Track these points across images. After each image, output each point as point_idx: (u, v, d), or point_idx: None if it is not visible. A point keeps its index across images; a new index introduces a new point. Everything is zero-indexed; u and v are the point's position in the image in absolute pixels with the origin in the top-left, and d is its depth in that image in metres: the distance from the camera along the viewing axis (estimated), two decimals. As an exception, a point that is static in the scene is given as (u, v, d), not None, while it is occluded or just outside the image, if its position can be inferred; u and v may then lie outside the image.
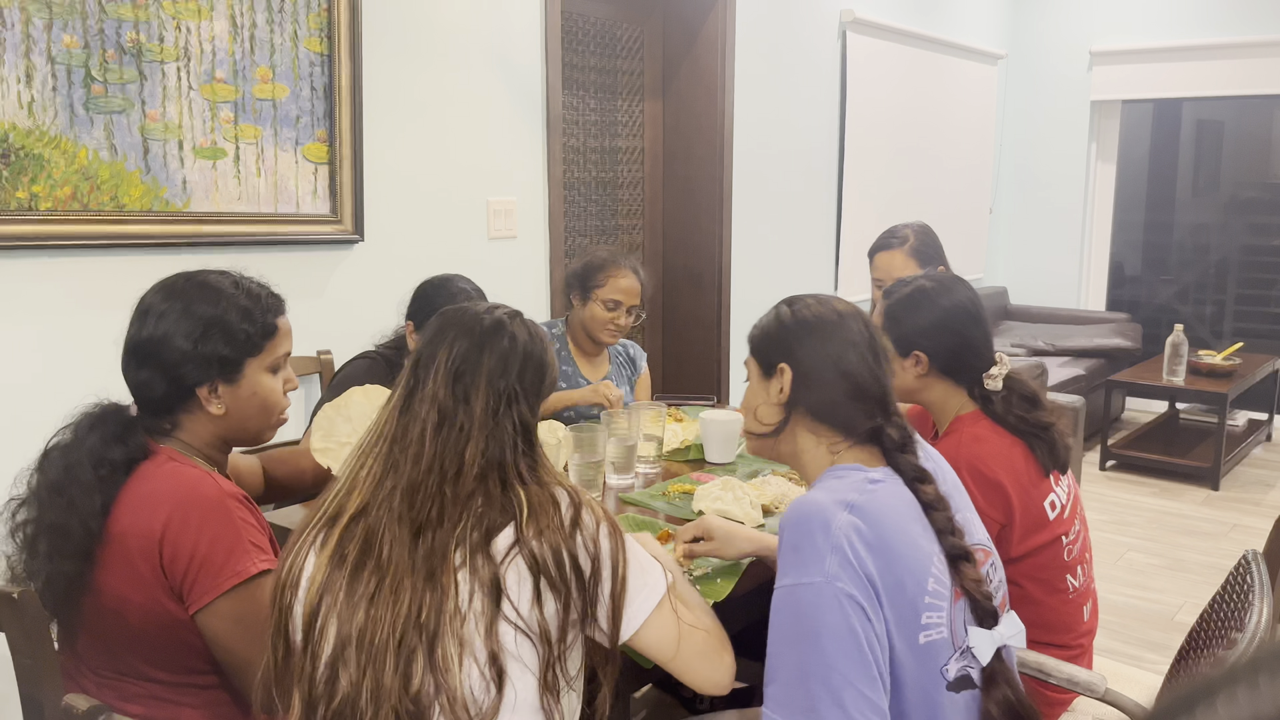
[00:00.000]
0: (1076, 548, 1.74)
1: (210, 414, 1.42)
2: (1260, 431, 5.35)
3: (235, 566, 1.32)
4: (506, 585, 1.12)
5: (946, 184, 5.51)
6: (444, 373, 1.20)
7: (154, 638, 1.35)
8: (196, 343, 1.38)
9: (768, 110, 4.25)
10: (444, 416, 1.19)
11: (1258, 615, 1.34)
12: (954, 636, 1.21)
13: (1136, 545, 3.95)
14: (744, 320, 4.21)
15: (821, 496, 1.21)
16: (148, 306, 1.42)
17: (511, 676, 1.12)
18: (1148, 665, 2.93)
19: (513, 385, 1.22)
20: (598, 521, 1.19)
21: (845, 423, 1.31)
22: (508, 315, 1.27)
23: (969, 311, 1.75)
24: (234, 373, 1.42)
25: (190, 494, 1.34)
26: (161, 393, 1.40)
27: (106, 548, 1.34)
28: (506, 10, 3.13)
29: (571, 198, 3.75)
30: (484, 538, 1.14)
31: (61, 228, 2.19)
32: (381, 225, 2.84)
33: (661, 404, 2.39)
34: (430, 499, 1.16)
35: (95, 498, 1.33)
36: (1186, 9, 5.58)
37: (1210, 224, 6.01)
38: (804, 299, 1.39)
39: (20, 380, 2.19)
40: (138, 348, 1.40)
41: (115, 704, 1.36)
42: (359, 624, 1.12)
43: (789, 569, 1.16)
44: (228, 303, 1.42)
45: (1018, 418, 1.70)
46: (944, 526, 1.24)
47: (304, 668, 1.16)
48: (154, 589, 1.33)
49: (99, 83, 2.23)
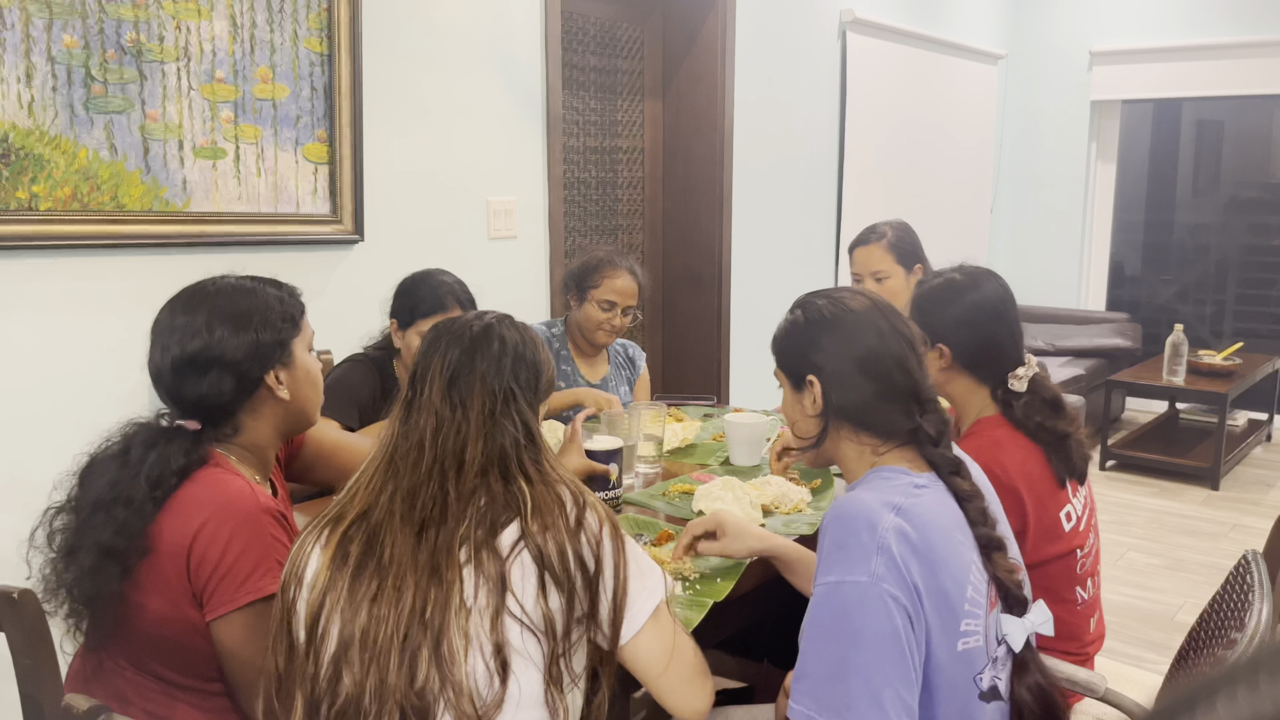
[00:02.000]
0: (1089, 561, 1.73)
1: (277, 401, 1.44)
2: (1260, 431, 5.35)
3: (257, 583, 1.33)
4: (511, 580, 1.13)
5: (946, 184, 5.51)
6: (439, 381, 1.23)
7: (171, 641, 1.37)
8: (253, 334, 1.41)
9: (768, 110, 4.25)
10: (441, 422, 1.21)
11: (1258, 615, 1.34)
12: (988, 645, 1.21)
13: (1136, 545, 3.95)
14: (744, 320, 4.21)
15: (868, 496, 1.20)
16: (184, 321, 1.41)
17: (516, 671, 1.13)
18: (1148, 665, 2.93)
19: (508, 385, 1.24)
20: (601, 522, 1.20)
21: (884, 426, 1.29)
22: (496, 319, 1.30)
23: (996, 307, 1.72)
24: (287, 354, 1.46)
25: (228, 504, 1.34)
26: (231, 394, 1.40)
27: (145, 559, 1.34)
28: (506, 10, 3.13)
29: (571, 198, 3.75)
30: (489, 533, 1.15)
31: (61, 228, 2.19)
32: (381, 225, 2.84)
33: (661, 404, 2.39)
34: (432, 499, 1.18)
35: (147, 517, 1.33)
36: (1186, 9, 5.58)
37: (1210, 224, 6.01)
38: (815, 300, 1.36)
39: (20, 380, 2.19)
40: (193, 360, 1.39)
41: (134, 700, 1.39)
42: (361, 624, 1.13)
43: (833, 566, 1.15)
44: (257, 294, 1.45)
45: (1037, 424, 1.67)
46: (976, 518, 1.24)
47: (306, 669, 1.17)
48: (177, 593, 1.34)
49: (99, 83, 2.23)
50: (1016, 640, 1.24)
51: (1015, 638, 1.24)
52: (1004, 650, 1.25)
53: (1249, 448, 5.18)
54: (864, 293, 1.37)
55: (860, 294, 1.36)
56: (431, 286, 2.22)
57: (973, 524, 1.24)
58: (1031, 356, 1.74)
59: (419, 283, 2.25)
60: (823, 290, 1.39)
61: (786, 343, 1.37)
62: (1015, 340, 1.73)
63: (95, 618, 1.39)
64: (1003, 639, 1.24)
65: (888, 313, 1.33)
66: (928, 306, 1.75)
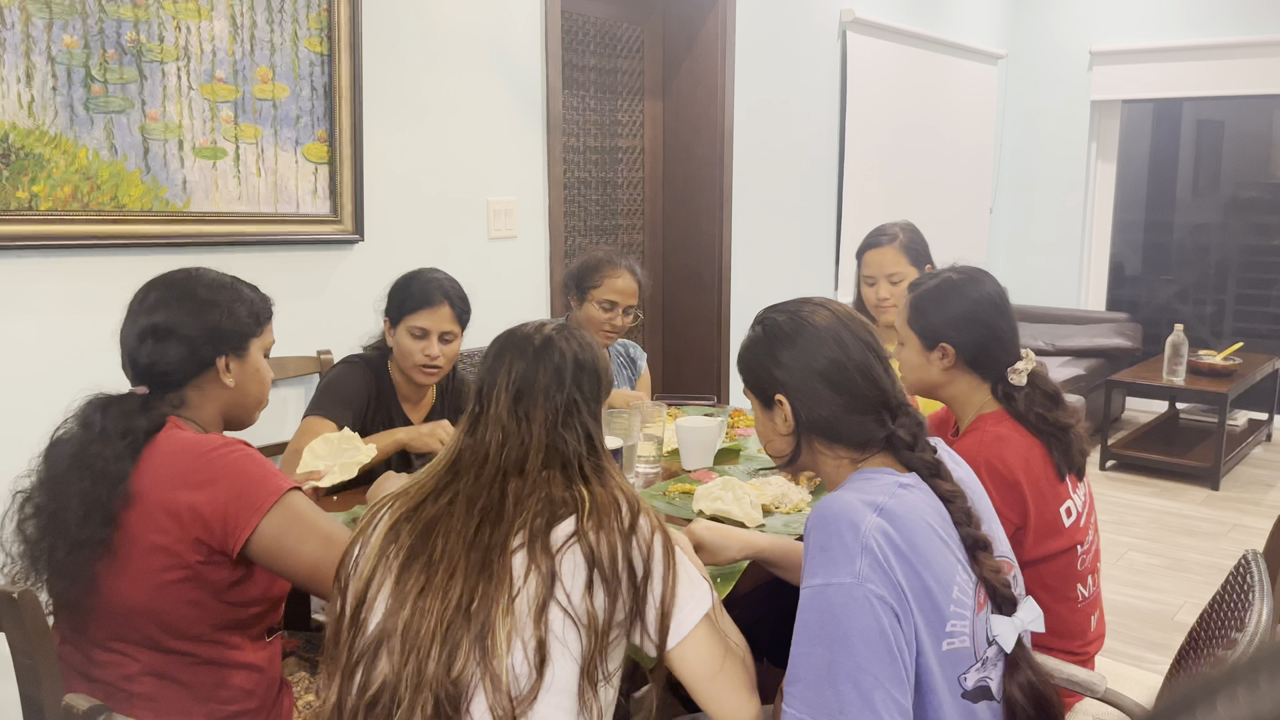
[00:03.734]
0: (1089, 558, 1.73)
1: (221, 386, 1.53)
2: (1260, 431, 5.35)
3: (269, 486, 1.42)
4: (561, 571, 1.16)
5: (946, 184, 5.51)
6: (505, 396, 1.27)
7: (167, 598, 1.41)
8: (216, 317, 1.51)
9: (768, 110, 4.25)
10: (508, 436, 1.26)
11: (1258, 615, 1.34)
12: (975, 647, 1.21)
13: (1137, 545, 3.95)
14: (744, 320, 4.20)
15: (850, 497, 1.19)
16: (157, 295, 1.51)
17: (554, 659, 1.15)
18: (1148, 665, 2.93)
19: (571, 395, 1.28)
20: (653, 529, 1.22)
21: (857, 437, 1.28)
22: (555, 330, 1.33)
23: (995, 304, 1.73)
24: (242, 348, 1.54)
25: (204, 441, 1.44)
26: (180, 364, 1.49)
27: (129, 508, 1.40)
28: (506, 10, 3.13)
29: (571, 198, 3.75)
30: (545, 526, 1.19)
31: (61, 228, 2.19)
32: (381, 225, 2.84)
33: (661, 404, 2.39)
34: (491, 503, 1.22)
35: (125, 463, 1.40)
36: (1186, 9, 5.58)
37: (1210, 224, 6.01)
38: (775, 316, 1.34)
39: (20, 380, 2.19)
40: (156, 327, 1.48)
41: (118, 682, 1.43)
42: (405, 617, 1.16)
43: (818, 569, 1.15)
44: (232, 288, 1.56)
45: (1039, 416, 1.67)
46: (960, 518, 1.24)
47: (341, 658, 1.20)
48: (172, 538, 1.39)
49: (99, 82, 2.23)
50: (1008, 640, 1.24)
51: (1006, 638, 1.24)
52: (994, 651, 1.25)
53: (1249, 448, 5.18)
54: (826, 303, 1.35)
55: (822, 305, 1.34)
56: (421, 283, 2.21)
57: (957, 524, 1.24)
58: (1029, 351, 1.74)
59: (409, 280, 2.25)
60: (782, 304, 1.37)
61: (750, 361, 1.35)
62: (1015, 335, 1.74)
63: (80, 584, 1.41)
64: (993, 639, 1.24)
65: (849, 321, 1.31)
66: (928, 307, 1.74)
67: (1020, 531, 1.65)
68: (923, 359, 1.74)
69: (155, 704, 1.44)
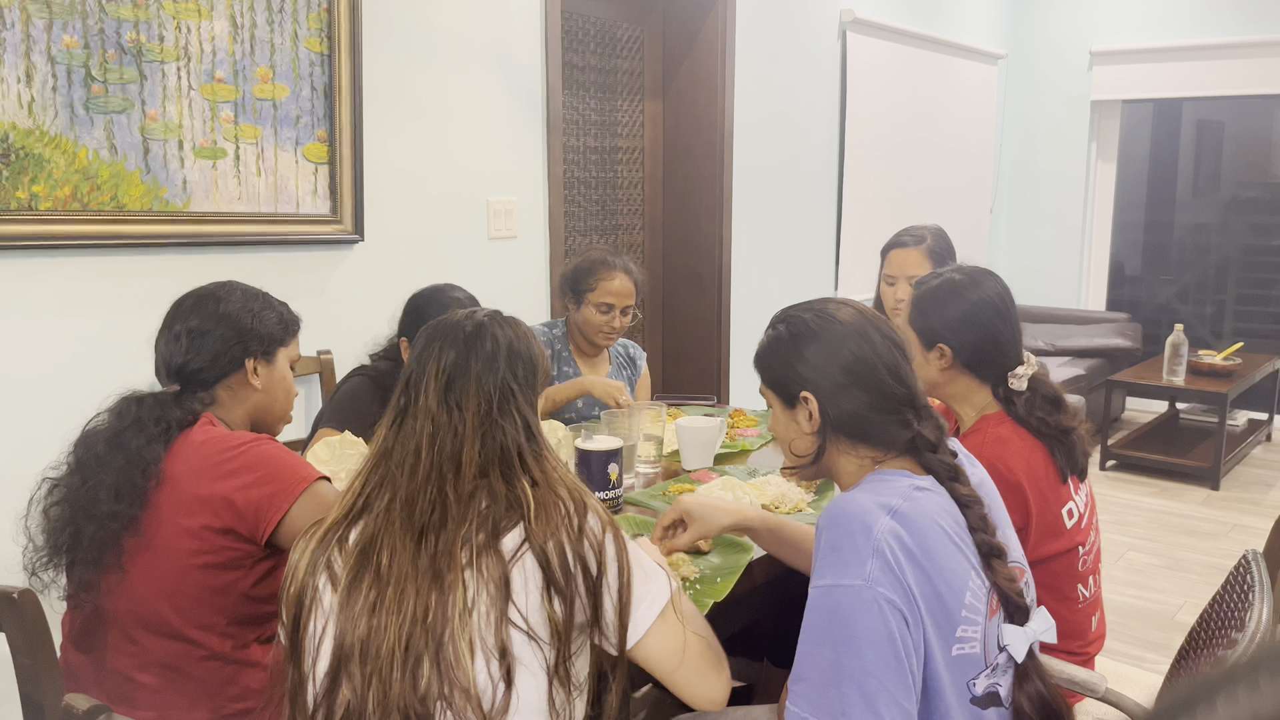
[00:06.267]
0: (1090, 559, 1.73)
1: (250, 389, 1.61)
2: (1260, 431, 5.35)
3: (299, 474, 1.48)
4: (514, 585, 1.12)
5: (946, 184, 5.51)
6: (435, 385, 1.21)
7: (188, 582, 1.44)
8: (248, 320, 1.60)
9: (768, 110, 4.25)
10: (438, 427, 1.19)
11: (1258, 615, 1.34)
12: (986, 653, 1.20)
13: (1137, 545, 3.95)
14: (744, 320, 4.21)
15: (863, 498, 1.18)
16: (192, 302, 1.61)
17: (517, 679, 1.11)
18: (1148, 665, 2.93)
19: (506, 382, 1.22)
20: (603, 526, 1.19)
21: (883, 437, 1.27)
22: (487, 317, 1.28)
23: (996, 307, 1.71)
24: (271, 353, 1.63)
25: (237, 440, 1.50)
26: (211, 362, 1.57)
27: (160, 490, 1.46)
28: (506, 10, 3.13)
29: (571, 198, 3.75)
30: (491, 535, 1.14)
31: (61, 228, 2.19)
32: (381, 225, 2.84)
33: (661, 404, 2.39)
34: (431, 504, 1.16)
35: (158, 447, 1.47)
36: (1186, 9, 5.58)
37: (1210, 224, 6.01)
38: (798, 314, 1.33)
39: (21, 380, 2.19)
40: (190, 329, 1.57)
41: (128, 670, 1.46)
42: (360, 635, 1.11)
43: (827, 569, 1.14)
44: (263, 299, 1.66)
45: (1040, 420, 1.67)
46: (976, 524, 1.23)
47: (300, 689, 1.15)
48: (202, 522, 1.43)
49: (99, 82, 2.23)
50: (1019, 650, 1.23)
51: (1017, 647, 1.23)
52: (1005, 657, 1.24)
53: (1249, 448, 5.18)
54: (849, 302, 1.35)
55: (846, 303, 1.34)
56: (441, 304, 2.19)
57: (972, 530, 1.23)
58: (1031, 355, 1.74)
59: (429, 299, 2.23)
60: (804, 303, 1.36)
61: (772, 358, 1.34)
62: (1016, 339, 1.73)
63: (104, 559, 1.45)
64: (1004, 647, 1.23)
65: (875, 320, 1.31)
66: (928, 307, 1.74)
67: (1022, 533, 1.64)
68: (921, 359, 1.74)
69: (161, 696, 1.45)
